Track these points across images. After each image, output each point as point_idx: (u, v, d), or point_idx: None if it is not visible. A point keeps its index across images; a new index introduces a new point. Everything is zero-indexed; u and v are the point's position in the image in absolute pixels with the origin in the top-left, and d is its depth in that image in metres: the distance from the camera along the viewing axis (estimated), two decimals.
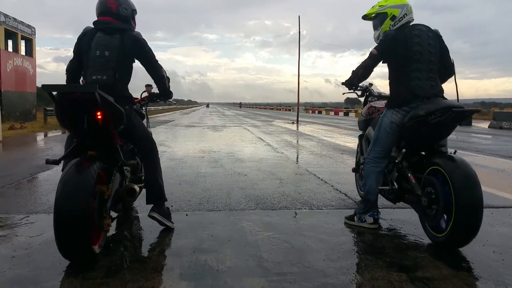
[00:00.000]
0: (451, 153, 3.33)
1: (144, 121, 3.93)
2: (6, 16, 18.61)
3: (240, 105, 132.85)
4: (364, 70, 3.62)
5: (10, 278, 2.57)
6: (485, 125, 22.93)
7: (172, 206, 4.31)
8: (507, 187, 5.56)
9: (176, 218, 3.76)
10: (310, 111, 56.93)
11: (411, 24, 3.54)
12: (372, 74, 3.67)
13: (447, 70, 3.63)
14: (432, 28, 3.52)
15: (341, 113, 44.80)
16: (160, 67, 3.58)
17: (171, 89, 3.76)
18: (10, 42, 20.19)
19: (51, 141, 12.28)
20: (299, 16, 24.51)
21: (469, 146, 11.13)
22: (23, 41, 21.01)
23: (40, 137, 13.68)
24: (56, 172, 6.40)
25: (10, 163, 7.74)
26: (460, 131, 17.90)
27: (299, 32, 24.29)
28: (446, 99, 3.41)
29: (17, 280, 2.55)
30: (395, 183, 3.70)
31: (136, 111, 3.62)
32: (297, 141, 12.30)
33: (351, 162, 7.71)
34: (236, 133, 15.19)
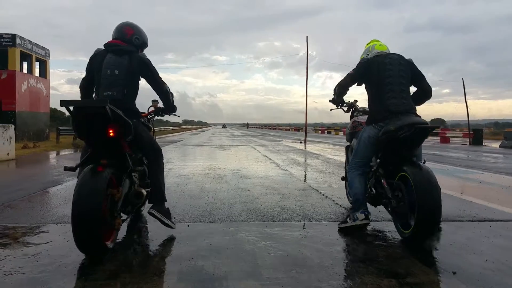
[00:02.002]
0: (423, 162, 3.83)
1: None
2: (21, 38, 19.18)
3: (247, 125, 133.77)
4: (340, 87, 4.32)
5: (19, 280, 2.73)
6: (496, 144, 22.83)
7: (175, 218, 4.47)
8: (509, 202, 5.62)
9: (177, 229, 3.92)
10: (319, 131, 56.92)
11: (386, 53, 4.15)
12: None
13: (426, 93, 4.20)
14: (407, 57, 4.10)
15: None
16: (163, 83, 3.96)
17: (179, 107, 4.22)
18: (25, 64, 20.77)
19: (62, 159, 12.55)
20: (307, 37, 24.84)
21: (477, 164, 11.16)
22: (38, 62, 21.56)
23: (52, 155, 13.97)
24: (65, 187, 6.61)
25: (22, 178, 7.96)
26: (471, 150, 17.89)
27: (307, 52, 24.61)
28: (418, 116, 3.89)
29: (26, 282, 2.71)
30: (373, 189, 4.19)
31: (143, 123, 3.99)
32: (304, 160, 12.41)
33: None
34: (243, 152, 15.35)
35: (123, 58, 3.70)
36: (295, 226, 4.24)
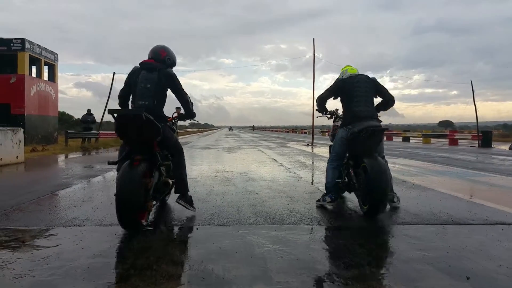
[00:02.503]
0: (383, 157, 5.18)
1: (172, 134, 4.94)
2: (30, 43, 19.34)
3: (253, 128, 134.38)
4: (321, 100, 5.54)
5: (29, 283, 2.73)
6: (505, 146, 22.63)
7: (183, 220, 4.46)
8: None
9: (186, 232, 3.90)
10: (327, 133, 56.69)
11: (356, 75, 5.32)
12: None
13: (388, 101, 5.36)
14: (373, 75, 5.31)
15: None
16: (186, 94, 4.75)
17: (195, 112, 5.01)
18: (34, 68, 20.93)
19: (71, 162, 12.60)
20: (313, 39, 24.79)
21: (487, 167, 11.06)
22: (46, 66, 21.72)
23: (60, 158, 14.03)
24: (74, 190, 6.63)
25: (31, 181, 8.00)
26: (480, 153, 17.74)
27: (314, 55, 24.55)
28: (379, 120, 5.10)
29: (36, 285, 2.71)
30: (345, 178, 5.28)
31: (169, 127, 4.74)
32: (311, 162, 12.37)
33: None
34: (250, 155, 15.34)
35: (153, 74, 4.47)
36: (304, 230, 4.21)
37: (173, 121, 5.22)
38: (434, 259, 3.28)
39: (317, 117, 6.15)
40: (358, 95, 5.09)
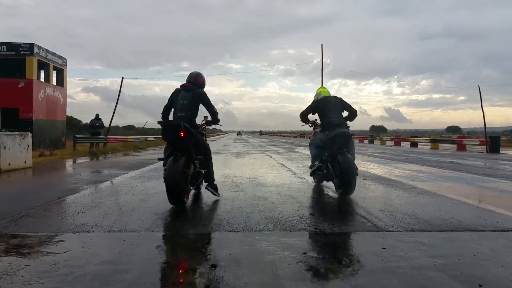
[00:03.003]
0: (351, 154, 6.73)
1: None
2: (39, 47, 19.49)
3: (261, 133, 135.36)
4: (303, 115, 7.71)
5: None
6: None
7: (193, 226, 4.45)
8: None
9: (195, 238, 3.88)
10: None
11: (328, 96, 7.46)
12: (399, 102, 6.69)
13: (353, 114, 7.30)
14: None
15: (365, 141, 44.44)
16: (213, 106, 6.19)
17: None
18: (42, 73, 21.07)
19: (79, 167, 12.65)
20: (321, 45, 24.92)
21: (496, 173, 10.95)
22: (55, 71, 21.86)
23: (68, 163, 14.10)
24: (83, 195, 6.64)
25: (39, 187, 8.03)
26: (488, 158, 17.60)
27: (322, 60, 24.59)
28: (347, 127, 7.03)
29: None
30: (325, 170, 7.03)
31: (199, 132, 6.16)
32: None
33: (373, 187, 7.73)
34: (259, 160, 15.31)
35: (189, 94, 6.00)
36: (314, 236, 4.18)
37: (202, 127, 6.39)
38: (446, 266, 3.24)
39: (302, 125, 8.03)
40: (330, 110, 7.09)
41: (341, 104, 7.22)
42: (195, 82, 6.20)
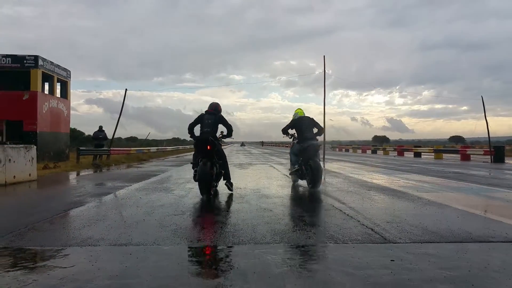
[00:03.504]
0: (319, 159, 9.35)
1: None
2: (44, 60, 19.59)
3: (262, 143, 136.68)
4: (284, 130, 9.87)
5: None
6: None
7: (200, 237, 4.42)
8: None
9: (202, 252, 3.85)
10: (337, 149, 56.47)
11: (303, 116, 9.69)
12: (401, 113, 8.09)
13: (320, 130, 9.56)
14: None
15: (368, 151, 44.36)
16: (229, 125, 8.49)
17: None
18: (46, 85, 21.16)
19: (83, 180, 12.64)
20: (324, 56, 24.90)
21: (502, 183, 10.89)
22: (59, 83, 21.94)
23: (72, 176, 14.10)
24: (88, 208, 6.62)
25: (44, 200, 8.02)
26: (493, 168, 17.53)
27: (324, 71, 24.61)
28: (316, 140, 9.34)
29: None
30: (299, 171, 9.36)
31: (219, 143, 8.33)
32: (324, 178, 12.27)
33: (378, 198, 7.70)
34: (262, 171, 15.28)
35: (212, 116, 8.27)
36: (321, 248, 4.15)
37: (220, 139, 8.50)
38: (456, 278, 3.20)
39: (283, 136, 10.18)
40: (304, 126, 9.49)
41: (312, 123, 9.63)
42: (215, 109, 8.54)
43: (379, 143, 78.66)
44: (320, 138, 9.63)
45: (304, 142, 9.18)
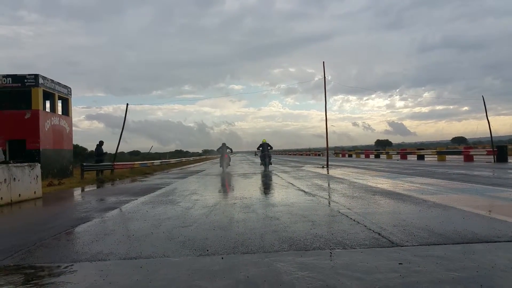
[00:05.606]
0: (270, 157, 24.44)
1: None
2: (44, 78, 19.74)
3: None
4: (258, 149, 25.30)
5: None
6: None
7: (207, 250, 4.46)
8: None
9: (211, 262, 3.88)
10: (340, 154, 56.40)
11: (265, 142, 24.70)
12: (403, 115, 11.36)
13: (271, 148, 24.88)
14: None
15: (372, 156, 44.37)
16: (230, 149, 25.52)
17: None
18: (47, 103, 21.29)
19: (88, 195, 12.69)
20: (323, 62, 25.06)
21: (505, 182, 10.90)
22: (60, 101, 22.07)
23: (77, 192, 14.14)
24: (95, 223, 6.66)
25: (51, 216, 8.06)
26: (497, 168, 17.52)
27: (324, 77, 24.74)
28: (269, 152, 24.72)
29: None
30: (262, 163, 24.85)
31: (229, 156, 25.80)
32: (328, 184, 12.31)
33: (384, 202, 7.73)
34: (267, 179, 15.31)
35: (224, 147, 24.80)
36: (330, 254, 4.17)
37: (228, 152, 23.86)
38: (465, 280, 3.23)
39: (257, 149, 25.44)
40: (264, 147, 23.90)
41: (267, 145, 23.91)
42: (225, 142, 24.66)
43: (382, 147, 78.52)
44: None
45: (264, 153, 23.55)
